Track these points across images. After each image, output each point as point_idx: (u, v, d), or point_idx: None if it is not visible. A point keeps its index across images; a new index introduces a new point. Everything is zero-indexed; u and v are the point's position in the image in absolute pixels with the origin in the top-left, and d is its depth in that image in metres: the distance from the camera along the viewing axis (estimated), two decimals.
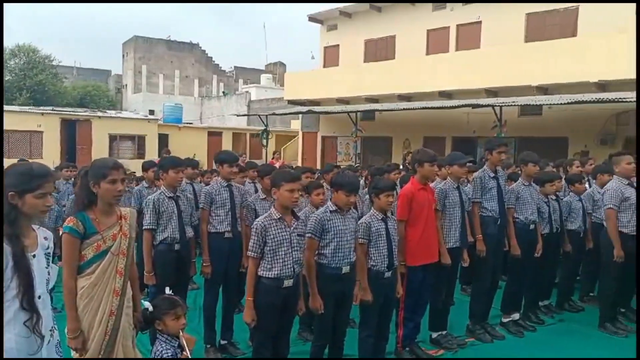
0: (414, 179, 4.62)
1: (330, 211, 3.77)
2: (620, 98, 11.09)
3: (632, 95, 11.07)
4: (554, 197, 5.82)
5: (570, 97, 12.06)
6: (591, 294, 6.46)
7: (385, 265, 4.05)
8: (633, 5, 12.93)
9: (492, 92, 14.79)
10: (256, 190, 5.79)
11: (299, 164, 19.58)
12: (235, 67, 49.01)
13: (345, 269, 3.78)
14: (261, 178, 4.89)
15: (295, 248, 3.46)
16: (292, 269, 3.44)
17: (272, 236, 3.39)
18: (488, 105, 13.00)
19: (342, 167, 11.16)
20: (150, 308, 2.97)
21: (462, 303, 5.68)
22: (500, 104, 12.85)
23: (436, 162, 4.54)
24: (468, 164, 6.03)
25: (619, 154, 5.76)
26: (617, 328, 5.44)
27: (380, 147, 18.49)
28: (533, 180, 5.56)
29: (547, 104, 12.84)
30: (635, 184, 5.47)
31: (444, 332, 4.99)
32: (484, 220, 5.08)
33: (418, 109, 14.94)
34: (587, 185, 6.59)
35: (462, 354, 4.81)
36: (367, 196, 4.70)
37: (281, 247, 3.40)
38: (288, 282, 3.44)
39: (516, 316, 5.53)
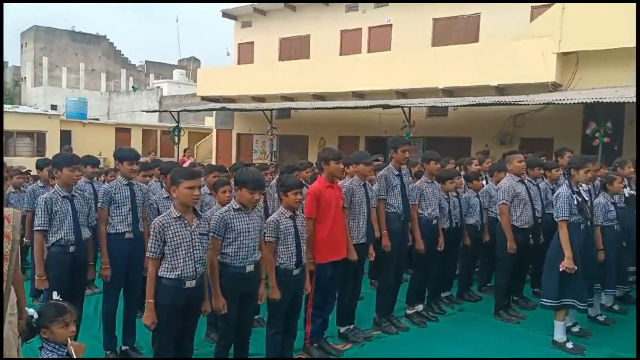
0: (321, 177, 4.70)
1: (234, 209, 3.71)
2: (516, 101, 11.93)
3: (526, 98, 11.96)
4: (454, 194, 6.13)
5: (472, 99, 12.78)
6: (488, 284, 6.89)
7: (294, 263, 4.07)
8: (528, 14, 14.00)
9: (402, 94, 15.33)
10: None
11: (214, 162, 19.19)
12: (146, 61, 47.07)
13: (250, 268, 3.74)
14: (164, 176, 4.73)
15: (197, 248, 3.37)
16: (194, 269, 3.35)
17: (171, 236, 3.28)
18: (397, 106, 13.48)
19: (256, 165, 11.08)
20: (36, 315, 2.77)
21: (371, 297, 5.82)
22: (409, 105, 13.38)
23: (342, 160, 4.62)
24: (375, 162, 6.23)
25: (511, 152, 6.19)
26: (510, 315, 5.83)
27: (297, 145, 18.57)
28: (435, 178, 5.82)
29: (452, 106, 13.54)
30: (525, 181, 5.91)
31: (352, 327, 5.10)
32: (389, 217, 5.25)
33: (331, 108, 15.17)
34: (484, 182, 7.02)
35: (368, 347, 4.93)
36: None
37: (181, 247, 3.30)
38: (190, 283, 3.34)
39: (420, 307, 5.77)
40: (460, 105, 13.08)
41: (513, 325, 5.64)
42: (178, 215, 3.33)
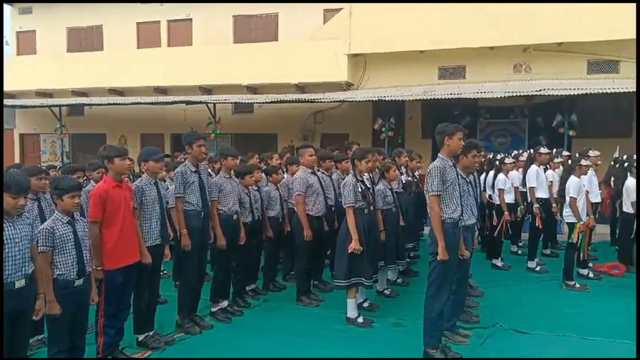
0: (107, 177, 4.37)
1: None
2: (313, 99, 12.67)
3: (323, 96, 12.77)
4: (255, 188, 6.23)
5: (274, 96, 13.20)
6: (292, 273, 7.18)
7: (75, 272, 3.74)
8: (321, 17, 14.93)
9: (206, 90, 15.13)
10: None
11: None
12: None
13: (20, 283, 3.29)
14: None
15: None
16: None
17: None
18: (201, 102, 13.30)
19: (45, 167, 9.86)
20: None
21: (174, 299, 5.60)
22: (213, 101, 13.30)
23: (126, 156, 4.35)
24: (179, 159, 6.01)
25: (304, 146, 6.55)
26: (310, 299, 6.16)
27: (94, 144, 16.93)
28: (235, 173, 5.84)
29: (255, 102, 13.81)
30: (318, 172, 6.29)
31: (151, 333, 4.84)
32: (188, 215, 5.11)
33: (130, 104, 14.29)
34: (284, 175, 7.29)
35: (169, 351, 4.75)
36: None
37: None
38: None
39: (225, 304, 5.75)
40: (263, 102, 13.43)
41: (313, 309, 5.97)
42: None
